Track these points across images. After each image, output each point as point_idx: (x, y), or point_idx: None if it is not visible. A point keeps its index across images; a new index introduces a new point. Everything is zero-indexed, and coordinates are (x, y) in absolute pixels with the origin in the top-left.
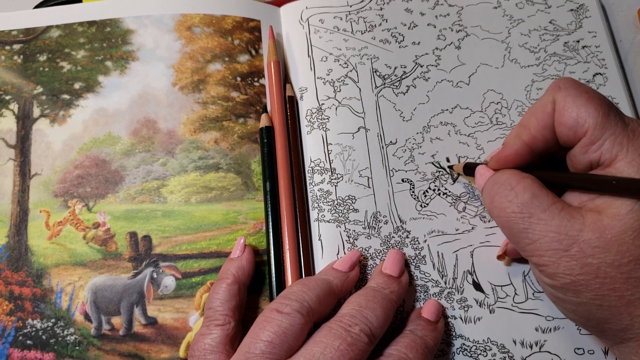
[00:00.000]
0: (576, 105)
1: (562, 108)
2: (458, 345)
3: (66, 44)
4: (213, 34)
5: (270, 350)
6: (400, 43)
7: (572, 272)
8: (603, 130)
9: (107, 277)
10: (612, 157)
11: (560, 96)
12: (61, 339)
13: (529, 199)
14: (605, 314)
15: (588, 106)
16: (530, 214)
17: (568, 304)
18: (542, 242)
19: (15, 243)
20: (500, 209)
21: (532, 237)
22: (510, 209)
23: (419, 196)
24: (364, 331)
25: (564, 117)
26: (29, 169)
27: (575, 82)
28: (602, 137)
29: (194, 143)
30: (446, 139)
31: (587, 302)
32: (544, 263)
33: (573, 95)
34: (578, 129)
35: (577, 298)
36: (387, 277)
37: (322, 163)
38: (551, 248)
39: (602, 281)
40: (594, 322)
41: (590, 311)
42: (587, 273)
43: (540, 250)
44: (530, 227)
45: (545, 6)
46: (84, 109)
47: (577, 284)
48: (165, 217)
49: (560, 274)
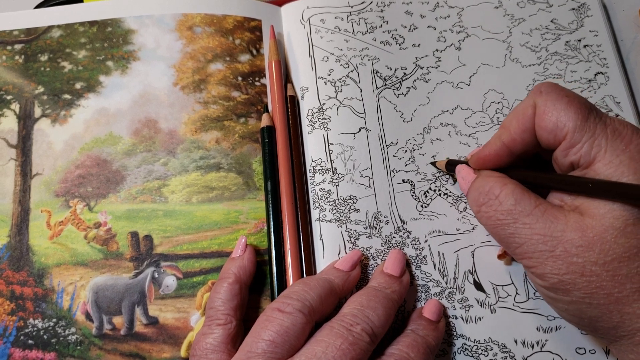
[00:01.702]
0: (556, 109)
1: (543, 112)
2: (459, 345)
3: (67, 43)
4: (214, 34)
5: (271, 350)
6: (400, 45)
7: (559, 272)
8: (582, 133)
9: (109, 277)
10: (590, 159)
11: (540, 100)
12: (62, 339)
13: (513, 206)
14: (596, 312)
15: (568, 110)
16: (514, 220)
17: (560, 303)
18: (528, 245)
19: (17, 243)
20: (487, 218)
21: (519, 241)
22: (496, 217)
23: (420, 196)
24: (366, 330)
25: (544, 121)
26: (30, 168)
27: (556, 86)
28: (581, 140)
29: (195, 143)
30: (447, 139)
31: (577, 301)
32: (532, 265)
33: (553, 99)
34: (558, 132)
35: (567, 297)
36: (389, 277)
37: (324, 163)
38: (537, 250)
39: (589, 279)
40: (586, 320)
41: (581, 310)
42: (573, 272)
43: (528, 253)
44: (516, 231)
45: (547, 5)
46: (85, 109)
47: (565, 283)
48: (166, 216)
49: (548, 274)
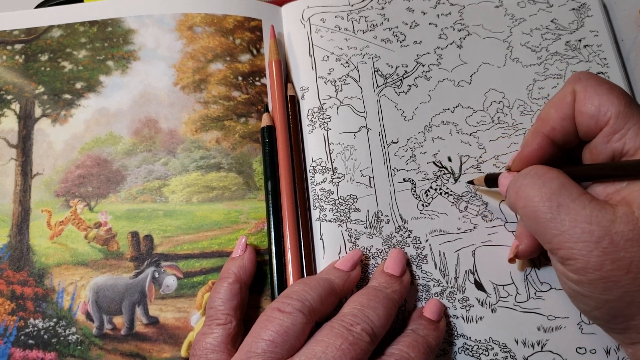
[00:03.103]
0: (598, 94)
1: (583, 97)
2: (460, 345)
3: (67, 43)
4: (214, 34)
5: (271, 350)
6: (401, 42)
7: (603, 267)
8: (626, 119)
9: (109, 277)
10: (636, 145)
11: (580, 86)
12: (63, 339)
13: (558, 188)
14: (634, 311)
15: (610, 95)
16: (558, 203)
17: (593, 301)
18: (571, 233)
19: (17, 243)
20: (527, 199)
21: (561, 228)
22: (538, 197)
23: (421, 195)
24: (366, 330)
25: (586, 106)
26: (31, 168)
27: (594, 75)
28: (624, 126)
29: (195, 143)
30: (448, 138)
31: (615, 299)
32: (573, 256)
33: (594, 85)
34: (600, 117)
35: (605, 295)
36: (389, 277)
37: (324, 162)
38: (581, 240)
39: (635, 277)
40: (620, 319)
41: (617, 308)
42: (619, 268)
43: (570, 242)
44: (558, 216)
45: (547, 5)
46: (85, 109)
47: (607, 280)
48: (166, 216)
49: (590, 268)
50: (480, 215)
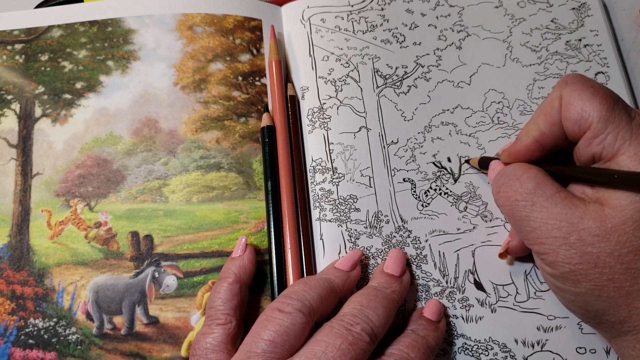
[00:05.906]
0: (581, 99)
1: (568, 103)
2: (459, 345)
3: (68, 43)
4: (214, 34)
5: (271, 349)
6: (401, 43)
7: (572, 261)
8: (606, 124)
9: (109, 277)
10: (614, 150)
11: (566, 91)
12: (63, 339)
13: (533, 188)
14: (604, 305)
15: (593, 100)
16: (533, 202)
17: (567, 293)
18: (542, 229)
19: (17, 242)
20: (505, 198)
21: (534, 225)
22: (514, 197)
23: (420, 196)
24: (366, 330)
25: (570, 112)
26: (31, 168)
27: (582, 77)
28: (605, 131)
29: (195, 142)
30: (447, 138)
31: (585, 292)
32: (545, 251)
33: (578, 90)
34: (582, 122)
35: (576, 288)
36: (389, 277)
37: (324, 162)
38: (551, 235)
39: (601, 271)
40: (592, 313)
41: (588, 302)
42: (586, 262)
43: (541, 238)
44: (532, 214)
45: (547, 5)
46: (85, 109)
47: (576, 273)
48: (166, 216)
49: (559, 262)
50: (480, 216)
